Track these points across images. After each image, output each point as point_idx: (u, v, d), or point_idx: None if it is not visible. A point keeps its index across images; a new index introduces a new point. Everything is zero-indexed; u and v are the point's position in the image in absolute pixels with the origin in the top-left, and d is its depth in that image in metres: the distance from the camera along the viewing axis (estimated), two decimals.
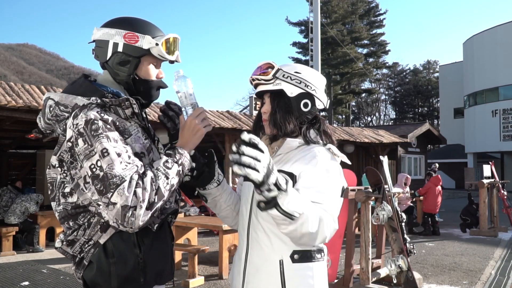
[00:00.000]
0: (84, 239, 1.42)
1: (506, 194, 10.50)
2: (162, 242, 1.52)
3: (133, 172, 1.29)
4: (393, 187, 5.41)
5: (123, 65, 1.50)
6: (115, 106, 1.43)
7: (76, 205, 1.41)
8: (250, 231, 1.56)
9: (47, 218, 8.05)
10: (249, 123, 9.93)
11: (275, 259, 1.48)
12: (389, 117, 54.85)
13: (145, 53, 1.50)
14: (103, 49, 1.50)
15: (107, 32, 1.49)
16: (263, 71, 1.57)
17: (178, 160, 1.40)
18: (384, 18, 40.92)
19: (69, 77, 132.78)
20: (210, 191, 1.62)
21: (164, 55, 1.51)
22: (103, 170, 1.27)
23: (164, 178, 1.34)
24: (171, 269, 1.58)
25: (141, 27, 1.50)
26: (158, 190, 1.31)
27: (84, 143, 1.31)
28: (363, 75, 38.14)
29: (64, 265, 6.57)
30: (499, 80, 27.43)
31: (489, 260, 6.99)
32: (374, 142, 13.74)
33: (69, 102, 1.41)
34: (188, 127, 1.48)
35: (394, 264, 4.68)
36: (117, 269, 1.38)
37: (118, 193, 1.24)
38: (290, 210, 1.22)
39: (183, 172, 1.42)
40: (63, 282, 5.67)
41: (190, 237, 6.50)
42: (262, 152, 1.14)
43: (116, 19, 1.54)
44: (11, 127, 8.52)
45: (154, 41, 1.48)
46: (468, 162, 29.47)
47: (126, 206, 1.24)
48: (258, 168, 1.12)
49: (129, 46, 1.48)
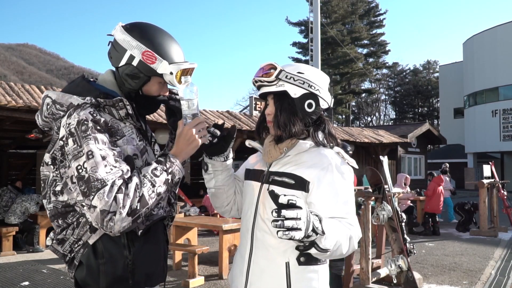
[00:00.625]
0: (74, 239, 1.42)
1: (506, 194, 10.50)
2: (154, 245, 1.51)
3: (117, 177, 1.28)
4: (393, 187, 5.40)
5: (132, 78, 1.50)
6: (109, 107, 1.42)
7: (66, 204, 1.42)
8: (254, 231, 1.55)
9: (47, 218, 8.03)
10: (249, 123, 9.93)
11: (281, 261, 1.47)
12: (389, 117, 54.89)
13: (156, 74, 1.48)
14: (119, 55, 1.48)
15: (128, 41, 1.45)
16: (265, 72, 1.55)
17: (168, 169, 1.39)
18: (384, 18, 40.96)
19: (69, 77, 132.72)
20: (214, 162, 1.62)
21: (174, 84, 1.49)
22: (87, 172, 1.27)
23: (150, 186, 1.32)
24: (163, 271, 1.57)
25: (162, 49, 1.47)
26: (142, 198, 1.30)
27: (74, 143, 1.31)
28: (363, 75, 38.16)
29: (64, 265, 6.57)
30: (499, 80, 27.42)
31: (489, 260, 6.99)
32: (374, 142, 13.74)
33: (65, 101, 1.41)
34: (184, 135, 1.46)
35: (394, 264, 4.68)
36: (106, 269, 1.39)
37: (98, 197, 1.24)
38: (326, 246, 1.28)
39: (172, 181, 1.41)
40: (63, 282, 5.67)
41: (190, 237, 6.50)
42: (301, 208, 1.16)
43: (141, 28, 1.50)
44: (11, 127, 8.52)
45: (170, 69, 1.46)
46: (468, 162, 29.47)
47: (105, 211, 1.24)
48: (301, 227, 1.15)
49: (144, 64, 1.46)
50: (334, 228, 1.32)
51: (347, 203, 1.47)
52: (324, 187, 1.46)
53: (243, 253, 1.59)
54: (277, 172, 1.55)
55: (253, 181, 1.63)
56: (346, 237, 1.38)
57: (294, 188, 1.49)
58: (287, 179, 1.51)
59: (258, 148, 1.69)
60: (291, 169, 1.52)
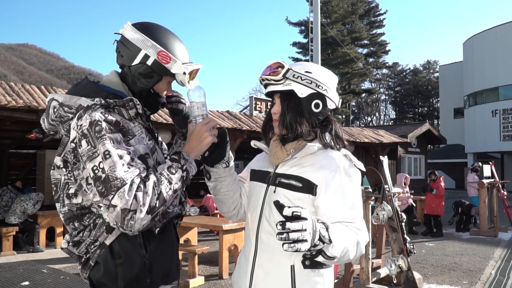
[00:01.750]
0: (90, 240, 1.42)
1: (506, 194, 10.51)
2: (168, 243, 1.52)
3: (135, 175, 1.28)
4: (393, 187, 5.40)
5: (145, 78, 1.52)
6: (119, 107, 1.43)
7: (81, 206, 1.41)
8: (259, 233, 1.53)
9: (47, 218, 8.06)
10: (249, 123, 9.92)
11: (287, 264, 1.45)
12: (389, 117, 54.86)
13: (168, 74, 1.51)
14: (131, 53, 1.49)
15: (144, 40, 1.47)
16: (272, 70, 1.52)
17: (182, 166, 1.40)
18: (384, 18, 40.87)
19: (69, 77, 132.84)
20: (216, 170, 1.60)
21: (185, 84, 1.53)
22: (105, 172, 1.27)
23: (167, 183, 1.33)
24: (177, 269, 1.59)
25: (174, 49, 1.52)
26: (160, 195, 1.30)
27: (88, 145, 1.31)
28: (363, 75, 38.12)
29: (64, 265, 6.58)
30: (499, 80, 27.42)
31: (489, 260, 6.99)
32: (374, 142, 13.73)
33: (73, 103, 1.41)
34: (196, 133, 1.48)
35: (394, 264, 4.68)
36: (123, 269, 1.39)
37: (118, 196, 1.24)
38: (334, 254, 1.28)
39: (187, 179, 1.41)
40: (63, 282, 5.67)
41: (190, 237, 6.51)
42: (306, 219, 1.16)
43: (154, 28, 1.53)
44: (11, 127, 8.51)
45: (183, 69, 1.50)
46: (468, 162, 29.43)
47: (126, 210, 1.23)
48: (306, 238, 1.15)
49: (159, 63, 1.49)
50: (341, 235, 1.31)
51: (355, 207, 1.44)
52: (331, 190, 1.44)
53: (247, 255, 1.57)
54: (284, 174, 1.53)
55: (259, 182, 1.61)
56: (354, 242, 1.37)
57: (301, 191, 1.47)
58: (294, 181, 1.49)
59: (263, 149, 1.67)
60: (299, 171, 1.50)
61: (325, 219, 1.32)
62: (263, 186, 1.58)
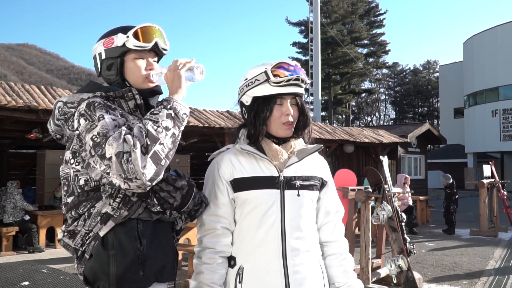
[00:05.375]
0: (85, 230, 1.42)
1: (506, 194, 10.50)
2: (164, 240, 1.51)
3: (122, 127, 1.33)
4: (393, 187, 5.41)
5: (109, 69, 1.57)
6: (119, 99, 1.48)
7: (93, 187, 1.42)
8: (287, 240, 1.49)
9: (47, 218, 8.06)
10: None
11: (317, 262, 1.58)
12: (389, 117, 54.87)
13: (123, 50, 1.53)
14: (96, 64, 1.60)
15: (94, 48, 1.60)
16: (302, 70, 1.53)
17: (166, 106, 1.40)
18: (384, 18, 40.87)
19: (69, 77, 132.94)
20: None
21: (138, 44, 1.52)
22: (99, 135, 1.30)
23: (151, 123, 1.33)
24: (173, 268, 1.55)
25: (115, 30, 1.56)
26: (149, 133, 1.30)
27: (85, 121, 1.36)
28: (363, 75, 38.16)
29: (64, 265, 6.58)
30: (499, 80, 27.42)
31: (489, 260, 6.99)
32: (374, 142, 13.73)
33: (76, 99, 1.48)
34: (168, 79, 1.49)
35: (394, 264, 4.68)
36: (116, 260, 1.38)
37: (108, 144, 1.27)
38: None
39: (176, 115, 1.39)
40: (63, 282, 5.67)
41: (190, 237, 6.50)
42: None
43: None
44: (11, 127, 8.51)
45: (125, 36, 1.53)
46: (468, 162, 29.46)
47: (120, 153, 1.25)
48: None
49: (108, 50, 1.55)
50: (350, 270, 1.65)
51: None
52: (331, 184, 1.65)
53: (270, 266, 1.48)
54: (300, 176, 1.54)
55: (267, 189, 1.50)
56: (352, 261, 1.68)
57: (318, 189, 1.60)
58: (313, 181, 1.57)
59: (254, 153, 1.52)
60: (311, 171, 1.57)
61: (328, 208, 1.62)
62: (276, 192, 1.50)
